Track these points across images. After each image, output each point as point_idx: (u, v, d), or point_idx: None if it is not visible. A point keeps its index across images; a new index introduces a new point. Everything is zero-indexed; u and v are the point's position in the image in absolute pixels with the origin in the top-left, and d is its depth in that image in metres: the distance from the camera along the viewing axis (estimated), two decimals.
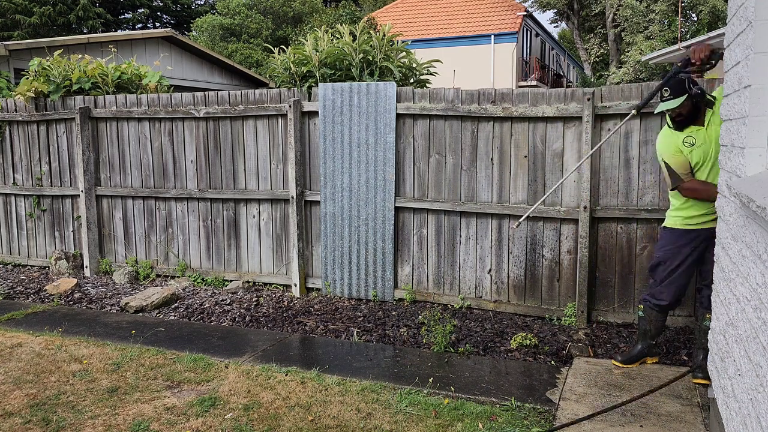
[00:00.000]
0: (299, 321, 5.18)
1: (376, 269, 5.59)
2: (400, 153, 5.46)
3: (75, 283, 6.24)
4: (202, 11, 38.64)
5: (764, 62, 2.39)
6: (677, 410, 3.42)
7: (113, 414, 3.46)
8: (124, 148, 6.61)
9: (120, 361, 4.23)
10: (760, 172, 2.44)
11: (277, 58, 6.11)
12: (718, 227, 3.10)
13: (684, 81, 3.44)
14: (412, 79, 6.07)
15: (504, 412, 3.45)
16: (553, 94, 4.91)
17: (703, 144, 3.56)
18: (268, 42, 27.33)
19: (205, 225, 6.37)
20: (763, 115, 2.43)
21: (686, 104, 3.47)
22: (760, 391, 1.94)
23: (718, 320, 2.96)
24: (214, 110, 6.08)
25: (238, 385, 3.83)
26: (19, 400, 3.64)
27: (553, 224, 5.01)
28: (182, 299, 5.81)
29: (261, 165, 6.04)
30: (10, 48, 11.05)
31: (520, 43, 26.57)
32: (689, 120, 3.55)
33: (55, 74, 6.80)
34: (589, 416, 3.30)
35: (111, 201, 6.77)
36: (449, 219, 5.36)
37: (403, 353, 4.44)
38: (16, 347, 4.54)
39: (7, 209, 7.35)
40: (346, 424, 3.30)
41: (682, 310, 4.69)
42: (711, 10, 21.51)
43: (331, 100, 5.56)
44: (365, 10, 34.60)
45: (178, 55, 15.19)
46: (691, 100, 3.46)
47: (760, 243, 2.08)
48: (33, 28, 25.80)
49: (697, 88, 3.45)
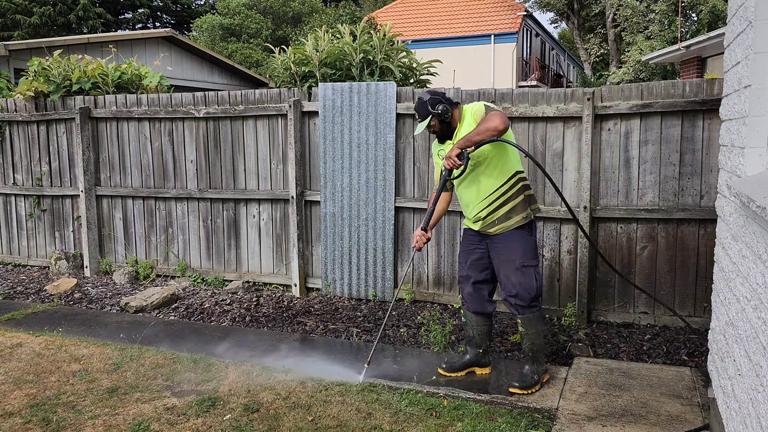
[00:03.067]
0: (299, 321, 5.18)
1: (376, 269, 5.59)
2: (400, 153, 5.46)
3: (75, 283, 6.25)
4: (202, 11, 38.62)
5: (764, 62, 2.39)
6: (677, 410, 3.42)
7: (113, 414, 3.46)
8: (124, 148, 6.62)
9: (120, 361, 4.23)
10: (760, 172, 2.44)
11: (277, 58, 6.11)
12: (719, 227, 3.11)
13: (426, 103, 3.72)
14: (413, 79, 6.07)
15: (504, 411, 3.45)
16: (553, 94, 4.90)
17: None
18: (268, 42, 27.30)
19: (205, 225, 6.37)
20: (763, 115, 2.43)
21: (434, 122, 3.75)
22: (760, 391, 1.94)
23: (718, 320, 2.96)
24: (214, 110, 6.08)
25: (238, 384, 3.83)
26: (19, 400, 3.65)
27: (553, 224, 5.01)
28: (182, 299, 5.81)
29: (261, 165, 6.04)
30: (10, 48, 11.05)
31: (520, 43, 26.57)
32: (445, 135, 3.81)
33: (55, 74, 6.80)
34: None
35: (111, 201, 6.77)
36: (449, 219, 5.36)
37: (403, 353, 4.44)
38: (16, 347, 4.54)
39: (7, 209, 7.35)
40: (346, 424, 3.30)
41: (683, 310, 4.69)
42: (711, 10, 21.48)
43: (331, 100, 5.56)
44: (365, 10, 34.61)
45: (178, 55, 15.19)
46: (438, 118, 3.71)
47: (760, 243, 2.08)
48: (33, 28, 25.78)
49: (440, 107, 3.68)
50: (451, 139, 3.79)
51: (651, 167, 4.67)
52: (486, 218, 3.72)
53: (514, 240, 3.68)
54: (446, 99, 3.75)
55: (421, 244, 3.93)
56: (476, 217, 3.77)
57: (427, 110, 3.71)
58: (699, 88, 4.48)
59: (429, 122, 3.73)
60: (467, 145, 3.54)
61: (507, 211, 3.68)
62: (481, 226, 3.77)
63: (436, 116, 3.70)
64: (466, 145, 3.54)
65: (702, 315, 4.64)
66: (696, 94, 4.48)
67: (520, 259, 3.67)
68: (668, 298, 4.72)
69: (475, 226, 3.81)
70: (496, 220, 3.70)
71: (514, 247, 3.68)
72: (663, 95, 4.57)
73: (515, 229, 3.67)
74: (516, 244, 3.68)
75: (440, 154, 3.87)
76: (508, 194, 3.68)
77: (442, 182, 3.80)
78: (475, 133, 3.49)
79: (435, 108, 3.69)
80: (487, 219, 3.72)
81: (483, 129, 3.47)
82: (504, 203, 3.68)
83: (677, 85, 4.54)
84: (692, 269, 4.64)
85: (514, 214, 3.67)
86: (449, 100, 3.75)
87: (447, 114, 3.69)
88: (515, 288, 3.68)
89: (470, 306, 3.93)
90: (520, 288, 3.67)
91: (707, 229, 4.53)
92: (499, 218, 3.69)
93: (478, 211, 3.74)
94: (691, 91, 4.49)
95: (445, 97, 3.76)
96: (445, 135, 3.81)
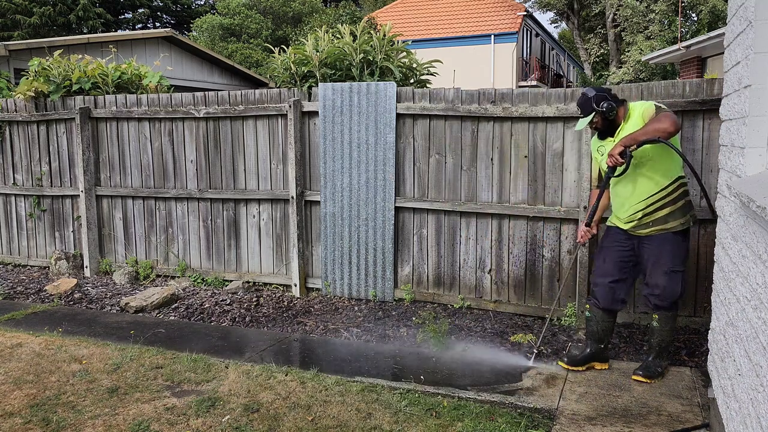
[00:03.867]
0: (299, 321, 5.18)
1: (376, 269, 5.59)
2: (400, 153, 5.46)
3: (75, 283, 6.24)
4: (202, 11, 38.63)
5: (764, 62, 2.39)
6: (678, 410, 3.42)
7: (113, 414, 3.46)
8: (124, 148, 6.62)
9: (120, 361, 4.23)
10: (760, 172, 2.44)
11: (277, 58, 6.11)
12: (718, 227, 3.11)
13: (590, 99, 3.72)
14: (413, 79, 6.07)
15: (504, 411, 3.45)
16: (553, 94, 4.90)
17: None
18: (268, 42, 27.31)
19: (205, 225, 6.37)
20: (763, 115, 2.43)
21: (597, 119, 3.76)
22: (760, 391, 1.94)
23: (718, 320, 2.95)
24: (214, 110, 6.08)
25: (238, 385, 3.83)
26: (19, 400, 3.64)
27: (553, 224, 5.01)
28: (182, 299, 5.81)
29: (261, 165, 6.04)
30: (10, 48, 11.05)
31: (520, 43, 26.57)
32: (606, 131, 3.83)
33: (55, 74, 6.80)
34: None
35: (111, 201, 6.77)
36: (449, 219, 5.36)
37: (403, 353, 4.44)
38: (16, 347, 4.54)
39: (7, 209, 7.35)
40: (346, 424, 3.30)
41: (683, 310, 4.69)
42: (711, 10, 21.48)
43: (331, 100, 5.56)
44: (365, 10, 34.61)
45: (178, 55, 15.19)
46: (601, 115, 3.72)
47: (760, 243, 2.07)
48: (33, 28, 25.79)
49: (605, 104, 3.68)
50: (612, 136, 3.77)
51: None
52: (642, 218, 3.70)
53: (668, 243, 3.67)
54: (612, 96, 3.74)
55: (586, 239, 4.04)
56: (630, 217, 3.75)
57: (591, 107, 3.69)
58: (699, 88, 4.47)
59: (592, 119, 3.72)
60: (631, 144, 3.53)
61: (665, 215, 3.66)
62: (632, 227, 3.76)
63: (600, 113, 3.69)
64: (630, 143, 3.53)
65: (702, 315, 4.64)
66: (696, 94, 4.48)
67: (671, 263, 3.67)
68: None
69: (625, 225, 3.79)
70: (651, 222, 3.69)
71: (667, 250, 3.67)
72: (663, 95, 4.56)
73: (672, 233, 3.66)
74: (669, 247, 3.67)
75: (600, 151, 3.88)
76: (668, 198, 3.65)
77: (606, 179, 3.79)
78: (642, 133, 3.49)
79: (600, 105, 3.67)
80: (643, 220, 3.70)
81: (651, 129, 3.46)
82: (663, 206, 3.66)
83: (677, 85, 4.54)
84: (692, 269, 4.64)
85: (672, 219, 3.66)
86: (615, 97, 3.74)
87: (612, 112, 3.68)
88: (660, 290, 3.70)
89: (601, 303, 3.91)
90: (664, 291, 3.69)
91: (707, 229, 4.53)
92: (655, 221, 3.68)
93: (634, 211, 3.72)
94: (691, 91, 4.49)
95: (611, 94, 3.75)
96: (607, 132, 3.80)
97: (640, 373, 3.81)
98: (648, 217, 3.69)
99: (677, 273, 3.68)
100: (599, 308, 3.93)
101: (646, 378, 3.78)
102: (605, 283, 3.88)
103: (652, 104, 3.64)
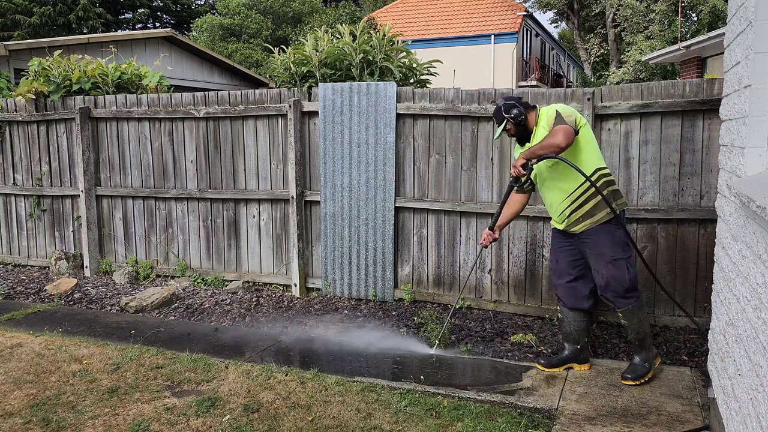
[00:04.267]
0: (299, 321, 5.18)
1: (376, 269, 5.59)
2: (400, 153, 5.46)
3: (75, 283, 6.24)
4: (202, 11, 38.62)
5: (764, 62, 2.39)
6: (678, 410, 3.42)
7: (113, 414, 3.46)
8: (124, 148, 6.62)
9: (120, 361, 4.23)
10: (760, 172, 2.44)
11: (277, 58, 6.11)
12: (718, 227, 3.11)
13: (500, 108, 3.86)
14: (413, 79, 6.06)
15: (504, 411, 3.45)
16: (553, 94, 4.90)
17: None
18: (268, 42, 27.30)
19: (205, 225, 6.37)
20: (763, 115, 2.43)
21: (510, 126, 3.88)
22: (760, 391, 1.94)
23: (718, 320, 2.96)
24: (214, 110, 6.08)
25: (238, 385, 3.83)
26: (20, 400, 3.65)
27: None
28: (182, 299, 5.81)
29: (261, 165, 6.04)
30: (10, 48, 11.05)
31: (520, 43, 26.57)
32: (523, 137, 3.92)
33: (55, 74, 6.80)
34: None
35: (111, 201, 6.77)
36: (449, 219, 5.36)
37: (403, 353, 4.44)
38: (16, 347, 4.54)
39: (7, 209, 7.35)
40: (346, 424, 3.30)
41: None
42: (711, 10, 21.48)
43: (331, 100, 5.56)
44: (365, 10, 34.60)
45: (178, 55, 15.19)
46: (512, 122, 3.83)
47: (760, 243, 2.08)
48: (33, 28, 25.78)
49: (514, 110, 3.80)
50: (529, 141, 3.88)
51: (651, 167, 4.66)
52: (570, 216, 3.81)
53: (601, 234, 3.74)
54: (522, 103, 3.87)
55: (487, 243, 4.17)
56: (561, 216, 3.87)
57: (501, 115, 3.85)
58: (699, 88, 4.47)
59: (504, 126, 3.86)
60: (531, 157, 3.67)
61: (591, 208, 3.74)
62: (566, 225, 3.85)
63: (510, 120, 3.82)
64: (530, 157, 3.68)
65: (702, 315, 4.64)
66: (696, 94, 4.48)
67: (611, 252, 3.72)
68: (668, 298, 4.71)
69: (560, 225, 3.91)
70: (580, 218, 3.78)
71: (603, 241, 3.73)
72: (663, 95, 4.56)
73: (603, 224, 3.73)
74: (604, 238, 3.73)
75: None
76: (589, 192, 3.72)
77: (509, 188, 3.98)
78: (539, 148, 3.63)
79: (509, 112, 3.82)
80: (572, 217, 3.81)
81: (547, 144, 3.59)
82: (586, 200, 3.74)
83: (677, 85, 4.54)
84: (692, 269, 4.64)
85: (598, 210, 3.72)
86: (525, 104, 3.89)
87: (521, 117, 3.81)
88: (607, 281, 3.74)
89: (566, 302, 3.99)
90: (613, 281, 3.72)
91: (707, 229, 4.53)
92: (583, 215, 3.76)
93: (562, 210, 3.84)
94: (691, 91, 4.49)
95: (520, 102, 3.87)
96: (524, 137, 3.91)
97: (629, 376, 3.80)
98: (575, 213, 3.78)
99: (620, 260, 3.72)
100: (567, 308, 4.01)
101: (635, 380, 3.76)
102: (563, 283, 3.99)
103: (555, 110, 3.71)
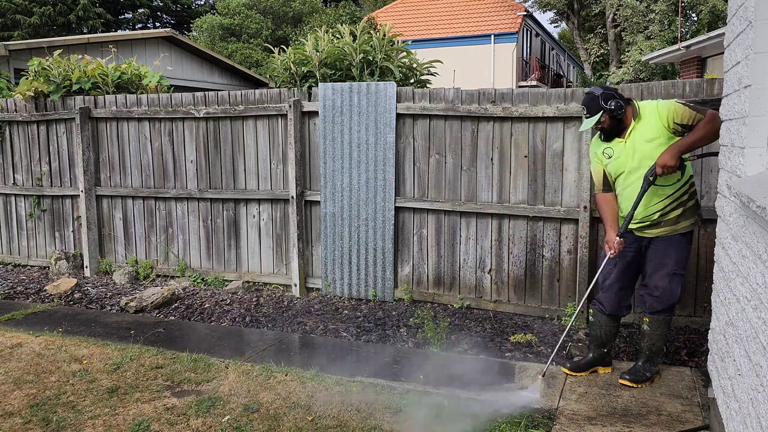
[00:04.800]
0: (299, 321, 5.18)
1: (376, 269, 5.59)
2: (400, 153, 5.46)
3: (75, 283, 6.24)
4: (202, 11, 38.62)
5: (764, 62, 2.39)
6: (678, 410, 3.42)
7: (113, 414, 3.46)
8: (124, 148, 6.61)
9: (120, 361, 4.23)
10: (760, 172, 2.44)
11: (277, 58, 6.11)
12: (718, 227, 3.11)
13: (597, 98, 3.58)
14: (413, 79, 6.06)
15: (504, 411, 3.45)
16: (553, 94, 4.90)
17: (619, 157, 3.66)
18: (268, 42, 27.29)
19: (205, 225, 6.37)
20: (763, 115, 2.43)
21: (604, 119, 3.61)
22: (760, 391, 1.94)
23: (718, 320, 2.96)
24: (214, 110, 6.08)
25: (238, 385, 3.83)
26: (19, 400, 3.65)
27: (553, 224, 5.01)
28: (182, 299, 5.81)
29: (261, 165, 6.04)
30: (10, 48, 11.04)
31: (520, 43, 26.57)
32: (613, 132, 3.67)
33: (55, 74, 6.79)
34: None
35: (111, 201, 6.77)
36: (449, 219, 5.36)
37: (403, 353, 4.44)
38: (16, 347, 4.54)
39: (7, 209, 7.35)
40: (346, 424, 3.30)
41: (683, 310, 4.69)
42: (711, 10, 21.48)
43: (331, 100, 5.56)
44: (365, 10, 34.60)
45: (178, 55, 15.18)
46: (610, 114, 3.58)
47: (760, 243, 2.08)
48: (33, 28, 25.78)
49: (613, 102, 3.55)
50: (620, 137, 3.65)
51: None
52: (657, 219, 3.61)
53: (674, 245, 3.61)
54: (619, 95, 3.62)
55: (618, 251, 3.68)
56: (646, 218, 3.63)
57: (599, 105, 3.56)
58: (699, 88, 4.47)
59: (599, 118, 3.59)
60: (687, 150, 3.41)
61: (677, 216, 3.60)
62: (642, 227, 3.66)
63: (608, 112, 3.56)
64: (687, 150, 3.40)
65: (702, 315, 4.64)
66: (696, 94, 4.47)
67: (674, 266, 3.61)
68: None
69: (634, 226, 3.67)
70: (663, 223, 3.61)
71: (672, 252, 3.61)
72: (663, 95, 4.56)
73: (680, 234, 3.61)
74: (674, 249, 3.61)
75: (606, 153, 3.72)
76: (683, 198, 3.59)
77: (646, 185, 3.52)
78: (698, 139, 3.36)
79: (608, 103, 3.55)
80: (658, 220, 3.61)
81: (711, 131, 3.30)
82: (677, 207, 3.59)
83: (677, 85, 4.54)
84: (692, 269, 4.64)
85: (683, 219, 3.60)
86: (622, 96, 3.63)
87: (621, 110, 3.55)
88: (659, 291, 3.64)
89: (607, 309, 3.85)
90: (663, 293, 3.63)
91: (707, 229, 4.53)
92: (668, 221, 3.60)
93: (653, 212, 3.60)
94: (691, 91, 4.49)
95: (617, 93, 3.62)
96: (614, 132, 3.66)
97: (628, 377, 3.75)
98: (663, 217, 3.60)
99: (678, 276, 3.63)
100: (604, 314, 3.88)
101: (633, 382, 3.72)
102: (615, 289, 3.82)
103: (675, 102, 3.50)
